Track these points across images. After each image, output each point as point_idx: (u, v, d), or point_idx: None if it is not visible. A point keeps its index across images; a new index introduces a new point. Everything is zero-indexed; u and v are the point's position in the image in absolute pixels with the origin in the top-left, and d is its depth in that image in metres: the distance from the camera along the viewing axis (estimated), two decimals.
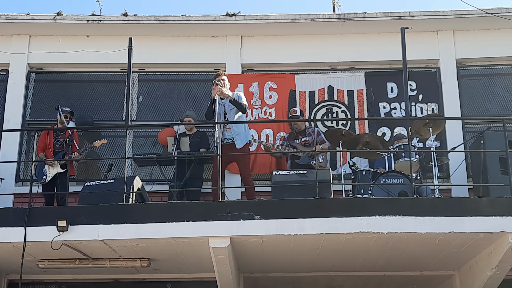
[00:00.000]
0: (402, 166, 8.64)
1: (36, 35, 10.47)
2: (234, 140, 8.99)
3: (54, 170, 9.11)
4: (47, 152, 9.36)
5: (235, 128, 8.99)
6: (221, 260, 7.34)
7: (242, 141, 9.03)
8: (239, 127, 9.01)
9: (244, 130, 9.11)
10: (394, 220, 7.01)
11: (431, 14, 10.14)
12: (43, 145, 9.42)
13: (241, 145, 9.00)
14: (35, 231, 7.27)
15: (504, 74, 10.38)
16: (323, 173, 7.97)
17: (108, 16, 10.27)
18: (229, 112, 9.07)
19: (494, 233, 7.02)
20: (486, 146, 8.96)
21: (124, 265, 7.94)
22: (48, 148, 9.36)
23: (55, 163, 9.07)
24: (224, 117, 9.04)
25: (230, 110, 9.06)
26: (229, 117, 9.04)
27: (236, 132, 9.00)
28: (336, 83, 10.36)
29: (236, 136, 8.99)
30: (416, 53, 9.97)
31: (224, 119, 8.99)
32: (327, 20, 10.21)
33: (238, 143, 8.98)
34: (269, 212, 7.14)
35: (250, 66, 10.51)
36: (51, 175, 9.15)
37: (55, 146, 9.35)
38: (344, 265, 8.28)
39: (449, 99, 10.12)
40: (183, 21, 10.22)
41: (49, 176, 9.15)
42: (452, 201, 7.37)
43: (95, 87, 10.53)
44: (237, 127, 9.00)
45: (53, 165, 9.10)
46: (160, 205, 7.59)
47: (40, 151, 9.41)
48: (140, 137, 10.34)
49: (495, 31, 10.30)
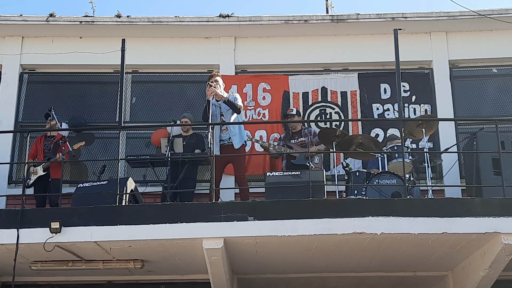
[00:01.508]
0: (395, 167, 8.66)
1: (29, 36, 10.45)
2: (230, 141, 8.99)
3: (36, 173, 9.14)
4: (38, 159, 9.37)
5: (231, 128, 9.00)
6: (215, 261, 7.33)
7: (239, 141, 9.04)
8: (236, 127, 9.02)
9: (240, 131, 9.12)
10: (387, 221, 7.02)
11: (424, 15, 10.16)
12: (34, 152, 9.45)
13: (239, 145, 9.02)
14: (28, 233, 7.25)
15: (496, 75, 10.41)
16: (316, 174, 7.98)
17: (101, 18, 10.25)
18: (225, 113, 9.07)
19: (487, 233, 7.04)
20: (478, 147, 8.99)
21: (118, 266, 7.92)
22: (38, 155, 9.38)
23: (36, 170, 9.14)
24: (220, 118, 9.05)
25: (226, 111, 9.06)
26: (225, 118, 9.04)
27: (233, 132, 9.01)
28: (330, 84, 10.38)
29: (233, 136, 9.00)
30: (409, 54, 10.00)
31: (221, 121, 8.99)
32: (321, 21, 10.23)
33: (236, 143, 8.99)
34: (262, 213, 7.14)
35: (243, 68, 10.51)
36: (33, 179, 9.20)
37: (45, 152, 9.36)
38: (338, 266, 8.28)
39: (442, 100, 10.15)
40: (176, 22, 10.21)
41: (32, 179, 9.17)
42: (445, 201, 7.39)
43: (88, 88, 10.51)
44: (234, 128, 9.00)
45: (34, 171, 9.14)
46: (154, 206, 7.58)
47: (31, 158, 9.42)
48: (133, 138, 10.33)
49: (488, 32, 10.34)
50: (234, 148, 8.97)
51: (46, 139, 9.48)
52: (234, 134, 9.00)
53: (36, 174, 9.17)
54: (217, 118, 9.03)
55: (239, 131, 9.08)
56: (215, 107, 9.04)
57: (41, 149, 9.39)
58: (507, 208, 7.09)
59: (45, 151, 9.36)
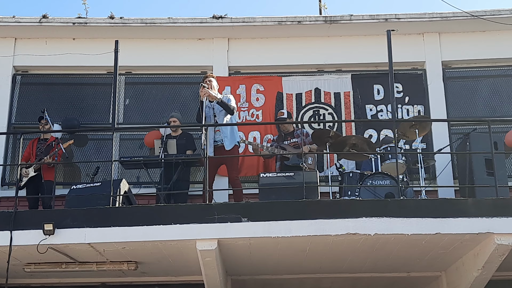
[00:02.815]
0: (389, 168, 8.68)
1: (22, 37, 10.42)
2: (223, 142, 8.99)
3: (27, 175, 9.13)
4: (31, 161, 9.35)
5: (223, 130, 9.00)
6: (209, 262, 7.33)
7: (231, 143, 9.03)
8: (227, 129, 9.02)
9: (233, 132, 9.11)
10: (381, 222, 7.03)
11: (417, 16, 10.19)
12: (27, 155, 9.45)
13: (230, 147, 9.01)
14: (21, 234, 7.23)
15: (489, 76, 10.44)
16: (310, 175, 7.98)
17: (94, 19, 10.23)
18: (218, 114, 9.07)
19: (480, 234, 7.05)
20: (471, 147, 9.02)
21: (111, 268, 7.91)
22: (31, 158, 9.37)
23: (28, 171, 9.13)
24: (214, 119, 9.05)
25: (219, 112, 9.06)
26: (218, 119, 9.04)
27: (225, 134, 9.01)
28: (323, 86, 10.39)
29: (224, 138, 9.00)
30: (402, 55, 10.01)
31: (214, 122, 8.99)
32: (314, 22, 10.24)
33: (227, 145, 8.99)
34: (256, 214, 7.14)
35: (237, 69, 10.51)
36: (25, 180, 9.17)
37: (37, 154, 9.34)
38: (332, 267, 8.29)
39: (435, 101, 10.17)
40: (169, 23, 10.20)
41: (23, 180, 9.15)
42: (439, 202, 7.40)
43: (82, 90, 10.49)
44: (225, 129, 9.00)
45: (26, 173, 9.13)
46: (147, 208, 7.57)
47: (24, 160, 9.40)
48: (127, 139, 10.31)
49: (481, 33, 10.36)
50: (225, 149, 8.96)
51: (39, 142, 9.46)
52: (225, 136, 9.01)
53: (27, 176, 9.15)
54: (211, 119, 9.02)
55: (231, 132, 9.08)
56: (209, 109, 9.04)
57: (34, 152, 9.37)
58: (500, 209, 7.11)
59: (37, 154, 9.34)
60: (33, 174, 9.15)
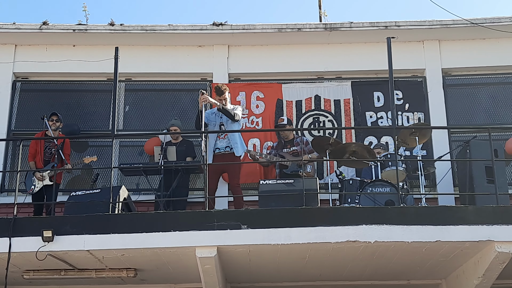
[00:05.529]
0: (389, 175, 8.67)
1: (22, 44, 10.42)
2: (231, 149, 8.98)
3: (42, 183, 9.04)
4: (37, 159, 9.27)
5: (232, 137, 8.99)
6: (208, 270, 7.31)
7: (241, 149, 9.06)
8: (236, 136, 9.03)
9: (241, 139, 9.13)
10: (381, 229, 7.02)
11: (417, 24, 10.20)
12: (33, 152, 9.33)
13: (240, 153, 9.06)
14: (20, 241, 7.22)
15: (489, 84, 10.45)
16: (310, 182, 7.96)
17: (94, 26, 10.24)
18: (225, 122, 9.07)
19: (481, 241, 7.05)
20: (472, 155, 9.01)
21: (110, 275, 7.90)
22: (38, 154, 9.27)
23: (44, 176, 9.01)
24: (220, 127, 9.06)
25: (226, 120, 9.07)
26: (226, 127, 9.05)
27: (235, 141, 9.03)
28: (323, 93, 10.39)
29: (234, 145, 9.01)
30: (402, 62, 10.01)
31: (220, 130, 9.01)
32: (314, 29, 10.25)
33: (237, 151, 9.01)
34: (256, 221, 7.13)
35: (237, 76, 10.52)
36: (39, 186, 9.08)
37: (45, 155, 9.28)
38: (331, 274, 8.27)
39: (435, 108, 10.17)
40: (169, 30, 10.21)
41: (37, 187, 9.08)
42: (439, 210, 7.39)
43: (82, 96, 10.49)
44: (234, 136, 9.01)
45: (41, 177, 9.03)
46: (147, 215, 7.56)
47: (31, 158, 9.33)
48: (126, 146, 10.30)
49: (480, 41, 10.37)
50: (235, 156, 8.98)
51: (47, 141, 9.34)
52: (235, 143, 9.01)
53: (42, 180, 9.05)
54: (216, 126, 9.03)
55: (240, 139, 9.10)
56: (216, 116, 9.09)
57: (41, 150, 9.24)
58: (500, 216, 7.11)
59: (45, 155, 9.25)
60: (49, 183, 9.04)
